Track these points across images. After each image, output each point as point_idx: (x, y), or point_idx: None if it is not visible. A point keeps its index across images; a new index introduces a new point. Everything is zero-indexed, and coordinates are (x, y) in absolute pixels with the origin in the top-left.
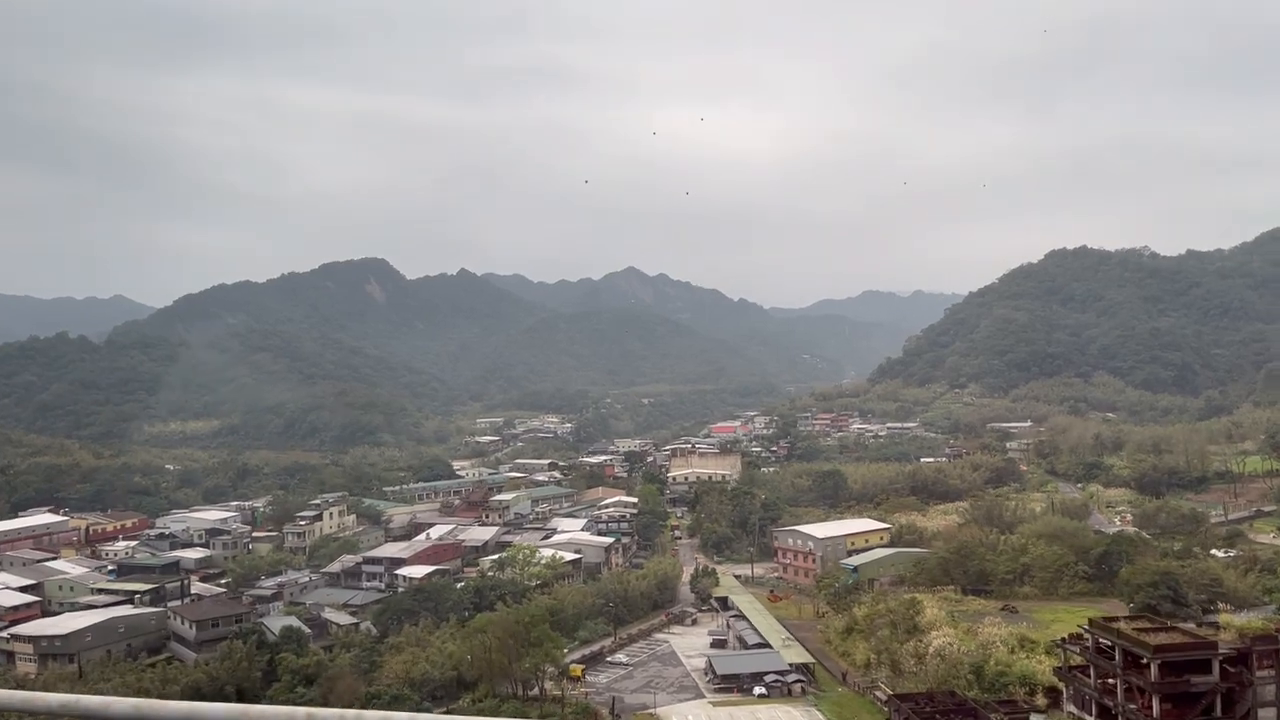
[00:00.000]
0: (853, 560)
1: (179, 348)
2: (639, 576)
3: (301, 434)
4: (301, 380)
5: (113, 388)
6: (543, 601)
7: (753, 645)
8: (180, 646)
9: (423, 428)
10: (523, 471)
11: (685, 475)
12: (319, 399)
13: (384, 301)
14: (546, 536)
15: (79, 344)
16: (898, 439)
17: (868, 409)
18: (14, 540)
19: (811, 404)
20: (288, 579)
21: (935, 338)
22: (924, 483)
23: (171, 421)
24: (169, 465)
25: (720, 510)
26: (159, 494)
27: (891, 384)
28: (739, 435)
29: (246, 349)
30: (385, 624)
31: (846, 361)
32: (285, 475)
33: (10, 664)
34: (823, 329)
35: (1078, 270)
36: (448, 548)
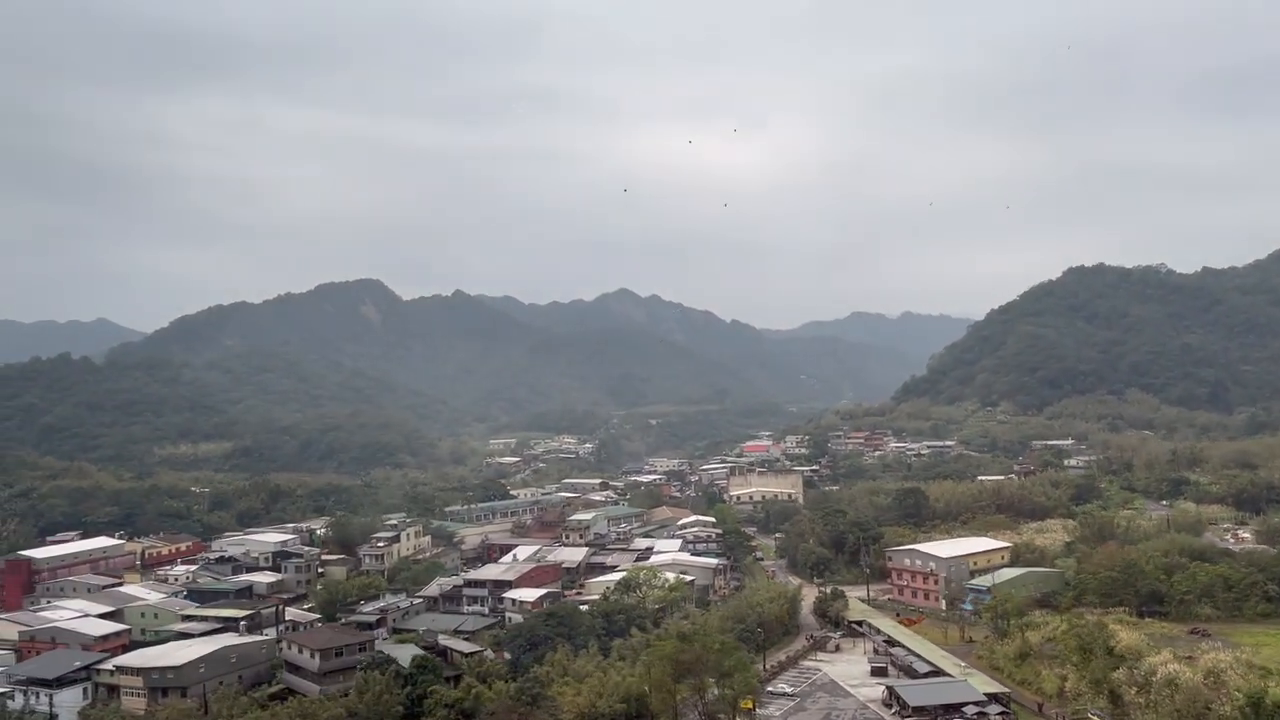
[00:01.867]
0: (982, 581)
1: (182, 369)
2: (769, 599)
3: (318, 455)
4: (309, 402)
5: (118, 409)
6: (681, 626)
7: (926, 673)
8: (295, 677)
9: (438, 449)
10: (575, 491)
11: (750, 494)
12: (334, 421)
13: (380, 323)
14: (641, 557)
15: (81, 365)
16: (941, 457)
17: (897, 428)
18: (71, 565)
19: (838, 423)
20: (389, 604)
21: (959, 355)
22: (1009, 500)
23: (182, 444)
24: (195, 488)
25: (812, 530)
26: (191, 517)
27: (919, 403)
28: (773, 454)
29: (250, 370)
30: (517, 651)
31: (842, 382)
32: (320, 497)
33: (114, 698)
34: (815, 350)
35: (1099, 287)
36: (549, 569)
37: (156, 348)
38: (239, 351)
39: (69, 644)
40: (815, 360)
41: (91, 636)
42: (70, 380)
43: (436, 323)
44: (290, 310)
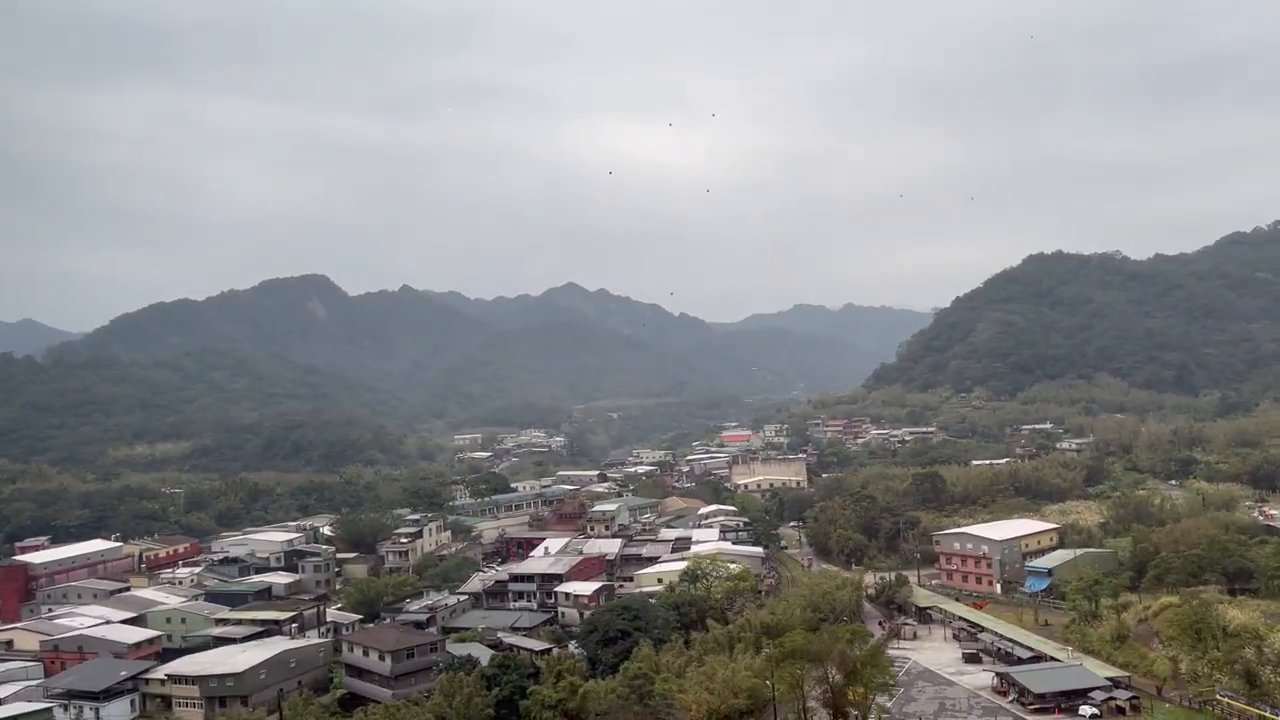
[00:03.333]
0: (1043, 562)
1: (130, 368)
2: (837, 586)
3: (284, 453)
4: (265, 400)
5: (66, 410)
6: (762, 617)
7: (1028, 659)
8: (360, 681)
9: (405, 445)
10: (573, 484)
11: (757, 483)
12: (296, 418)
13: (327, 319)
14: (678, 548)
15: (25, 365)
16: (926, 443)
17: (873, 415)
18: (69, 569)
19: (812, 411)
20: (436, 602)
21: (928, 343)
22: (1025, 483)
23: (138, 444)
24: (165, 489)
25: (844, 516)
26: (167, 519)
27: (892, 390)
28: (754, 444)
29: (201, 368)
30: (592, 647)
31: (791, 373)
32: (301, 495)
33: (166, 709)
34: (761, 342)
35: (1061, 274)
36: (595, 562)
37: (97, 346)
38: (187, 349)
39: (98, 652)
40: (763, 352)
41: (125, 644)
42: (13, 380)
43: (385, 318)
44: (235, 307)
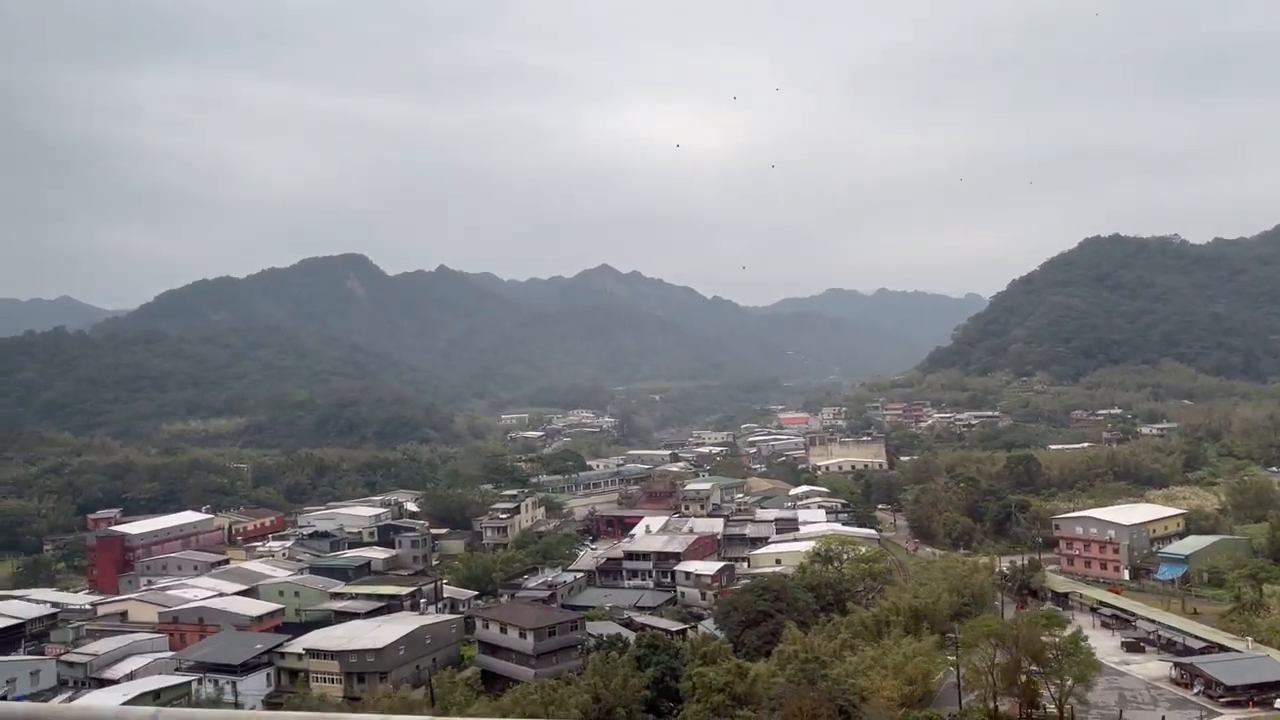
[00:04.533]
0: (1178, 548)
1: (180, 343)
2: (971, 570)
3: (337, 430)
4: (311, 377)
5: (119, 385)
6: (906, 600)
7: (1199, 649)
8: (495, 659)
9: (455, 424)
10: (647, 463)
11: (838, 465)
12: (348, 396)
13: (365, 298)
14: (784, 528)
15: (77, 340)
16: (993, 427)
17: (930, 398)
18: (163, 540)
19: (867, 394)
20: (555, 579)
21: (984, 326)
22: (1124, 468)
23: (191, 420)
24: (233, 464)
25: (949, 499)
26: (236, 492)
27: (949, 374)
28: (813, 426)
29: (248, 345)
30: (733, 629)
31: (827, 357)
32: (367, 471)
33: (300, 684)
34: (794, 326)
35: (1119, 258)
36: (707, 541)
37: (144, 322)
38: (232, 326)
39: (219, 625)
40: (796, 336)
41: (248, 617)
42: (66, 355)
43: (422, 298)
44: (276, 285)
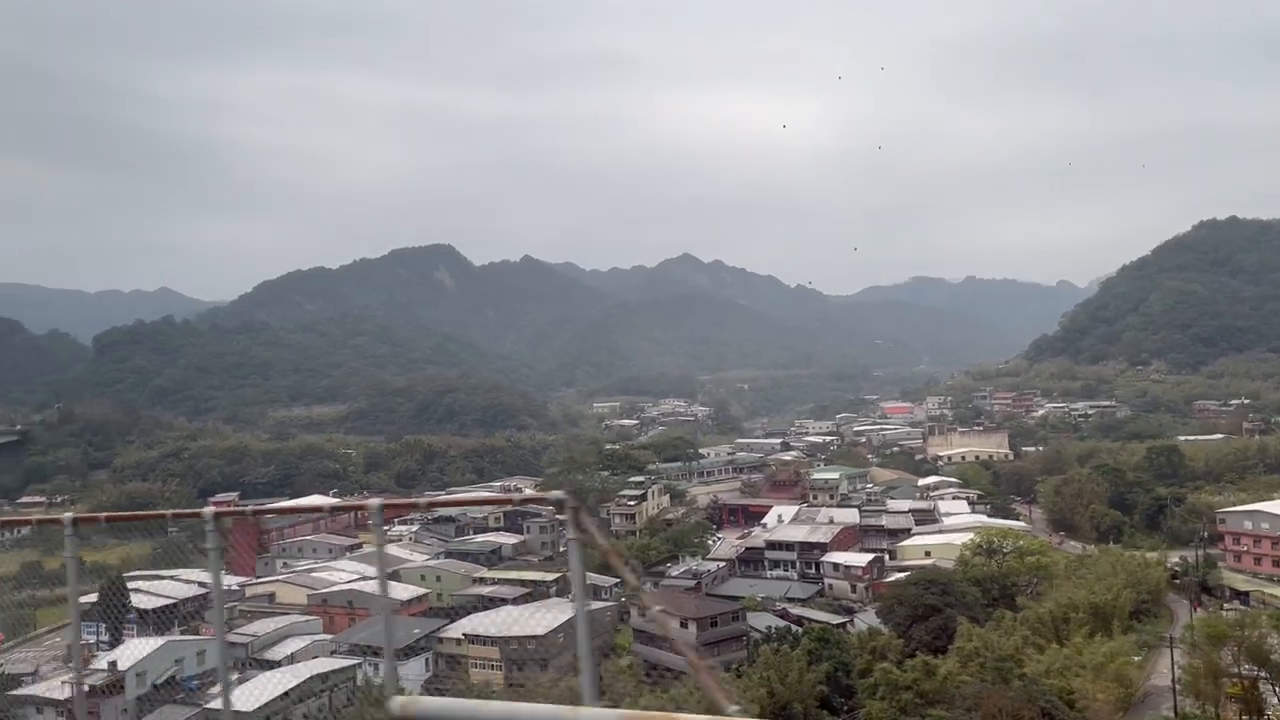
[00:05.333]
0: None
1: (280, 332)
2: (1142, 565)
3: (436, 417)
4: (407, 365)
5: (225, 372)
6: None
7: None
8: (652, 649)
9: (549, 411)
10: (760, 451)
11: (962, 455)
12: (447, 384)
13: (454, 288)
14: (923, 520)
15: (184, 329)
16: (1111, 418)
17: (1042, 388)
18: (295, 524)
19: (971, 383)
20: (697, 568)
21: (1094, 313)
22: (1276, 460)
23: (294, 406)
24: (341, 450)
25: (1093, 491)
26: (348, 478)
27: (1058, 362)
28: (918, 416)
29: (344, 334)
30: (898, 623)
31: (916, 346)
32: (474, 458)
33: (456, 670)
34: (880, 314)
35: (1239, 241)
36: (850, 531)
37: (243, 312)
38: (327, 315)
39: (369, 609)
40: (882, 325)
41: (397, 601)
42: (175, 343)
43: (508, 288)
44: (367, 275)
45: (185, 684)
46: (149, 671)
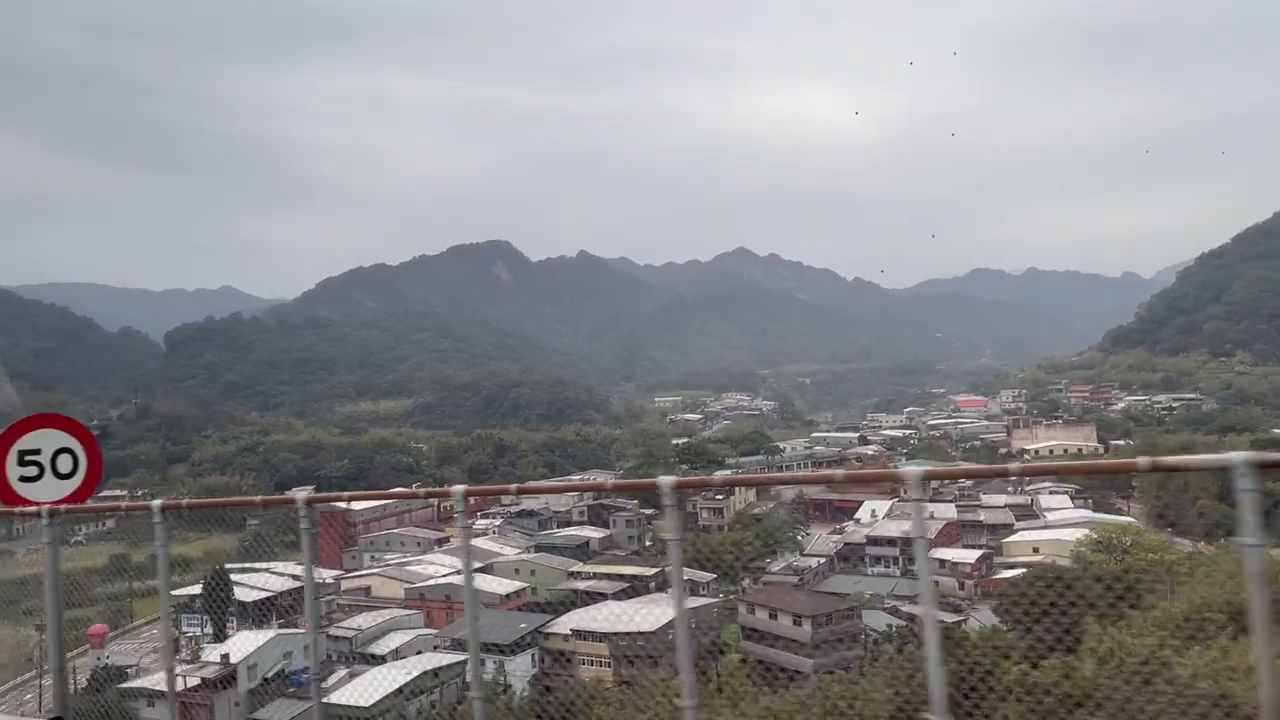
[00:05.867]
0: None
1: (344, 328)
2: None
3: (502, 411)
4: (470, 360)
5: (292, 367)
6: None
7: None
8: (761, 646)
9: (612, 405)
10: (836, 445)
11: (1047, 449)
12: (511, 379)
13: (512, 284)
14: (1023, 515)
15: (252, 325)
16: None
17: (1115, 380)
18: (380, 517)
19: (1044, 376)
20: (799, 563)
21: (1171, 304)
22: None
23: (361, 401)
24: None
25: (1201, 486)
26: (422, 471)
27: (1135, 354)
28: (992, 409)
29: (407, 329)
30: (1017, 620)
31: (978, 339)
32: (546, 451)
33: (560, 665)
34: (940, 307)
35: None
36: (952, 526)
37: (306, 308)
38: (390, 311)
39: None
40: (941, 318)
41: (497, 595)
42: (244, 339)
43: (564, 283)
44: (427, 271)
45: (295, 678)
46: (259, 665)
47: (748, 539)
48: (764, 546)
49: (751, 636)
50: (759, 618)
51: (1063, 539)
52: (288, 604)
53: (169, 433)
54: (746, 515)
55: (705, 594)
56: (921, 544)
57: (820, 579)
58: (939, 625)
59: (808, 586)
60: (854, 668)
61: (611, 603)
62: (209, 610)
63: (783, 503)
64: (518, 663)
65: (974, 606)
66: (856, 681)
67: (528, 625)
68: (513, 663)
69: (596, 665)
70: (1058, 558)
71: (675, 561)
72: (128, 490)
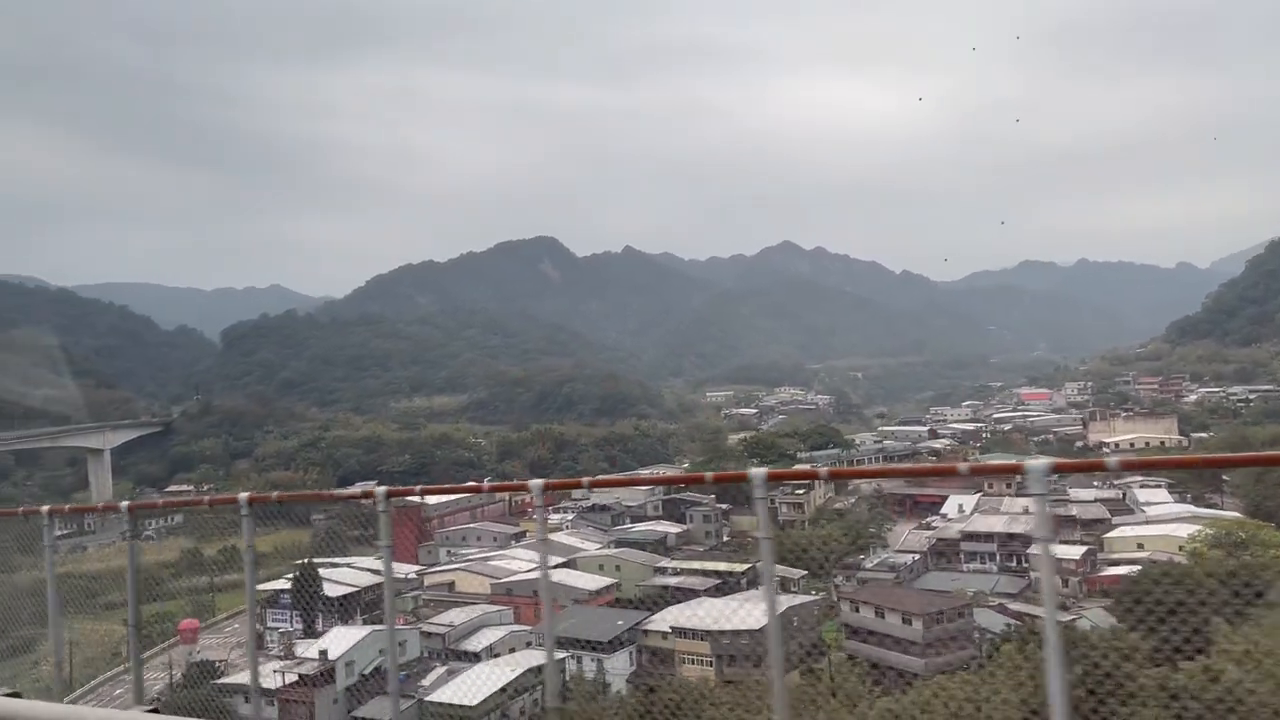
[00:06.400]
0: None
1: (396, 324)
2: None
3: (556, 406)
4: (520, 356)
5: (347, 364)
6: None
7: None
8: (866, 645)
9: (664, 400)
10: (906, 440)
11: (1129, 442)
12: (564, 374)
13: (559, 280)
14: (1118, 510)
15: (305, 322)
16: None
17: (1185, 372)
18: (453, 511)
19: (1108, 368)
20: (893, 559)
21: (1241, 293)
22: None
23: (415, 397)
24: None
25: None
26: (483, 466)
27: (1203, 345)
28: (1058, 402)
29: (457, 325)
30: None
31: (1029, 332)
32: (605, 445)
33: (657, 663)
34: (990, 300)
35: None
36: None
37: (357, 305)
38: (439, 308)
39: (556, 598)
40: (991, 310)
41: (586, 591)
42: (299, 336)
43: (610, 278)
44: (474, 268)
45: None
46: (357, 661)
47: (834, 534)
48: (850, 543)
49: (854, 634)
50: (863, 615)
51: (1169, 535)
52: (371, 599)
53: (231, 429)
54: (827, 510)
55: (796, 591)
56: (1043, 540)
57: (915, 576)
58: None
59: (904, 584)
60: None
61: (709, 600)
62: (298, 605)
63: (864, 497)
64: (616, 660)
65: (1079, 604)
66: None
67: (624, 622)
68: (611, 660)
69: (699, 664)
70: (1167, 554)
71: (767, 559)
72: (193, 485)
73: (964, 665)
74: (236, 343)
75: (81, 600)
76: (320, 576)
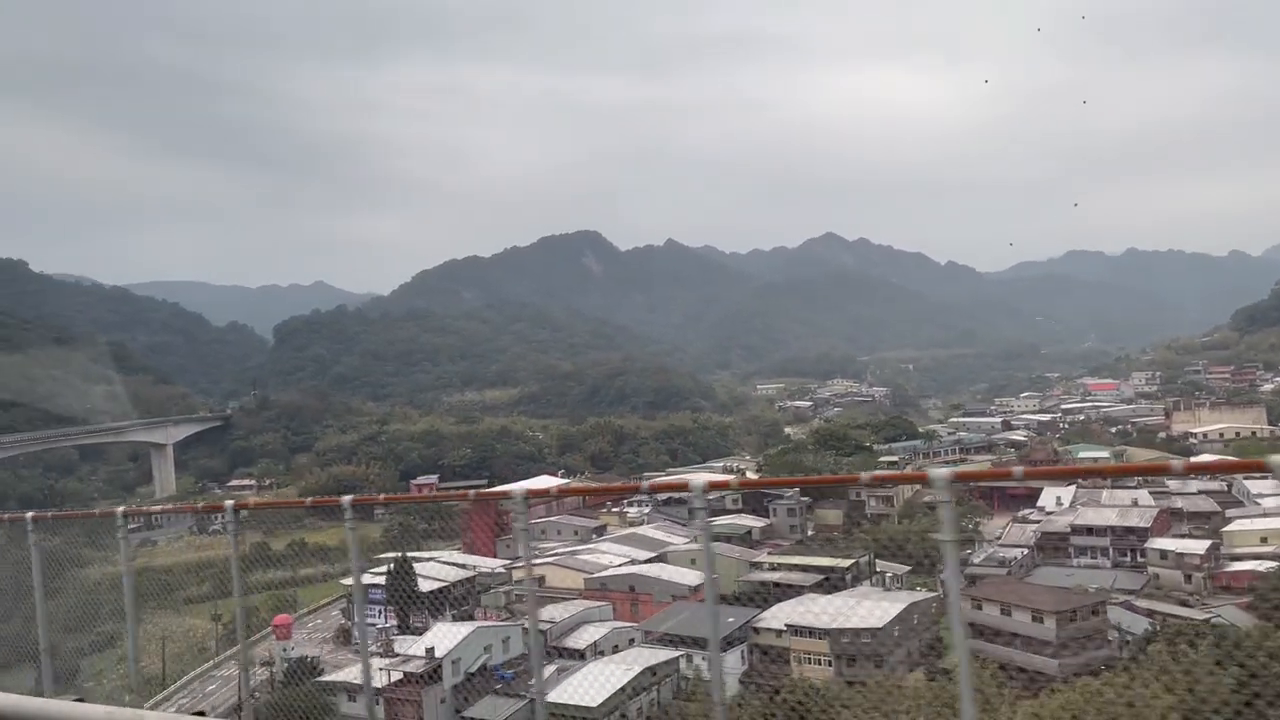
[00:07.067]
0: None
1: (444, 319)
2: None
3: (608, 400)
4: (569, 350)
5: (397, 358)
6: None
7: None
8: (994, 644)
9: (715, 393)
10: (980, 432)
11: (1219, 432)
12: (615, 367)
13: (602, 274)
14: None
15: (355, 318)
16: None
17: (1257, 360)
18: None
19: (1175, 358)
20: (1001, 554)
21: None
22: None
23: (467, 391)
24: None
25: None
26: (544, 459)
27: (1273, 332)
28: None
29: (504, 320)
30: None
31: (1079, 322)
32: (666, 439)
33: (776, 663)
34: (1037, 290)
35: None
36: (1164, 515)
37: (403, 300)
38: (486, 302)
39: (652, 593)
40: (1038, 301)
41: (686, 586)
42: (349, 332)
43: (653, 272)
44: (518, 263)
45: (498, 673)
46: (462, 659)
47: (930, 528)
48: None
49: (978, 633)
50: (987, 613)
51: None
52: (460, 594)
53: (288, 423)
54: (917, 504)
55: (899, 587)
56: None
57: (1026, 571)
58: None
59: (1017, 580)
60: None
61: (820, 596)
62: (393, 600)
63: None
64: (727, 660)
65: (1205, 602)
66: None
67: (735, 619)
68: (725, 658)
69: (813, 663)
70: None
71: (952, 563)
72: (254, 480)
73: (1104, 666)
74: (288, 338)
75: (161, 595)
76: (414, 571)
